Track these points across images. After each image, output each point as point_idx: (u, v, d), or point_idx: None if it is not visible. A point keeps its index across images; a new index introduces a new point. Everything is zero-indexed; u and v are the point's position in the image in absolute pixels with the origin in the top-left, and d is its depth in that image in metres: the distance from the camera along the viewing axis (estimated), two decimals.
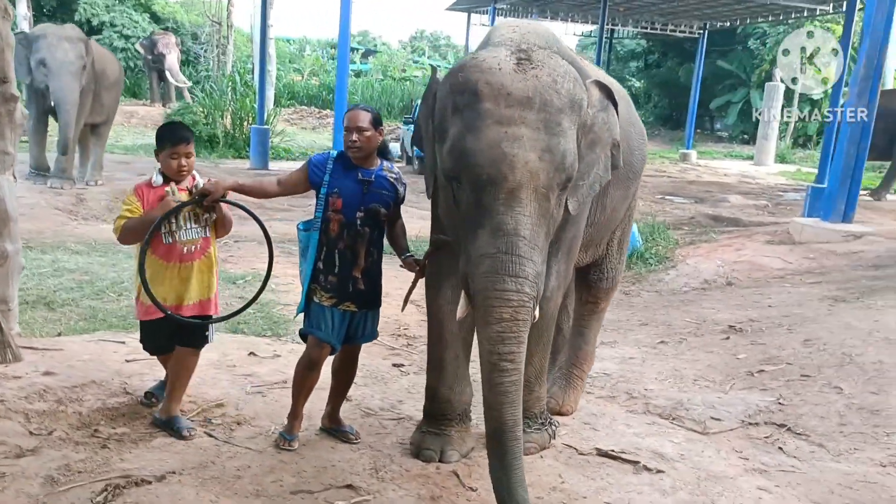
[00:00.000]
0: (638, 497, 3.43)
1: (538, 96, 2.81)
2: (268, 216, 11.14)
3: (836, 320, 5.62)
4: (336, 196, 3.44)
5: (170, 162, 3.46)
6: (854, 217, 8.71)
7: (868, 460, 4.00)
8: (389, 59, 40.74)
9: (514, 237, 2.74)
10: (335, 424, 3.80)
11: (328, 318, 3.50)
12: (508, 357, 2.75)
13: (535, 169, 2.76)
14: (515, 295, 2.75)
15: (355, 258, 3.47)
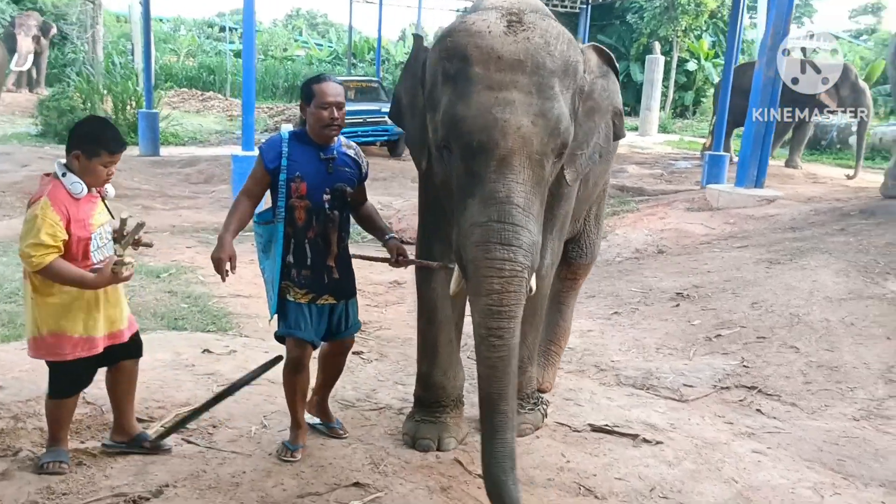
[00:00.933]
0: (646, 470, 3.42)
1: (530, 59, 2.68)
2: (173, 205, 10.63)
3: (777, 282, 5.83)
4: (299, 180, 3.11)
5: (100, 170, 2.88)
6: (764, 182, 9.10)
7: (841, 416, 4.16)
8: (270, 39, 39.47)
9: (506, 205, 2.61)
10: (323, 417, 3.59)
11: (306, 316, 3.21)
12: (498, 332, 2.62)
13: (528, 134, 2.63)
14: (508, 264, 2.60)
15: (327, 246, 3.19)
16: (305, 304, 3.21)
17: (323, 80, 3.14)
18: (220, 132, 22.50)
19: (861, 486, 3.38)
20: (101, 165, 2.88)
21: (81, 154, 2.86)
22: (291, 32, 43.58)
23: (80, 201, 2.86)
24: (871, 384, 4.47)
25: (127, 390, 3.25)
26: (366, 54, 37.30)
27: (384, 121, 14.74)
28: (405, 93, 3.29)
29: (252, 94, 9.96)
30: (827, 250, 6.43)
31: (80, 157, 2.86)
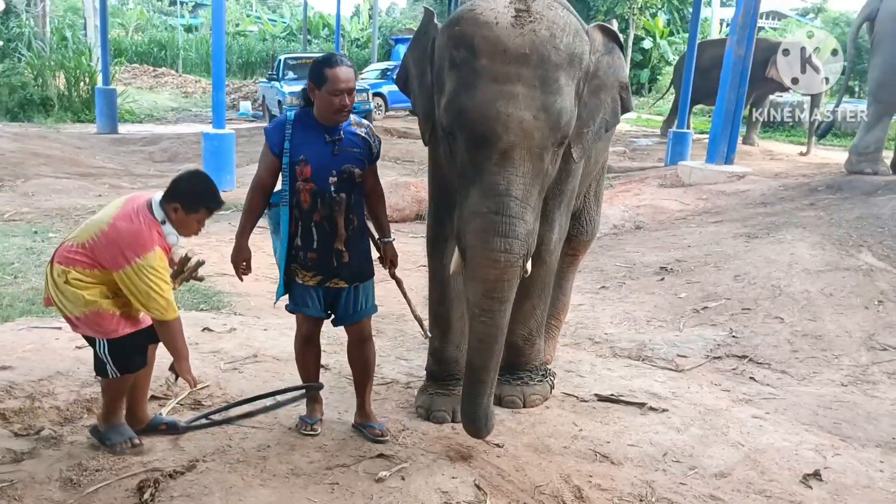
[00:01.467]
0: (656, 437, 3.54)
1: (535, 52, 2.72)
2: (141, 183, 10.45)
3: (756, 255, 6.02)
4: (303, 164, 3.02)
5: (195, 225, 2.96)
6: (734, 159, 9.33)
7: (829, 382, 4.36)
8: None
9: (505, 197, 2.73)
10: (363, 420, 3.40)
11: (314, 297, 3.19)
12: (489, 313, 2.83)
13: (530, 129, 2.71)
14: (503, 255, 2.76)
15: (334, 229, 3.08)
16: (314, 287, 3.16)
17: (335, 65, 2.98)
18: (177, 109, 22.12)
19: (858, 446, 3.56)
20: (196, 221, 2.95)
21: (181, 207, 2.89)
22: (244, 7, 42.79)
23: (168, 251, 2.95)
24: (854, 351, 4.68)
25: (144, 375, 3.21)
26: (320, 30, 36.85)
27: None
28: (414, 63, 3.31)
29: (222, 70, 9.84)
30: (801, 224, 6.65)
31: (179, 209, 2.89)
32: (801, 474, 3.25)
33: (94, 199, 8.86)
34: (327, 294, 3.20)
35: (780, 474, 3.27)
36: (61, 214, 7.96)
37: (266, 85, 16.75)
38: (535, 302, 3.75)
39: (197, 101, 24.53)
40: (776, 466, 3.32)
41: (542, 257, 3.53)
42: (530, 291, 3.70)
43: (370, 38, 34.45)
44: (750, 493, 3.12)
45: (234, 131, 10.29)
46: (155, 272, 2.80)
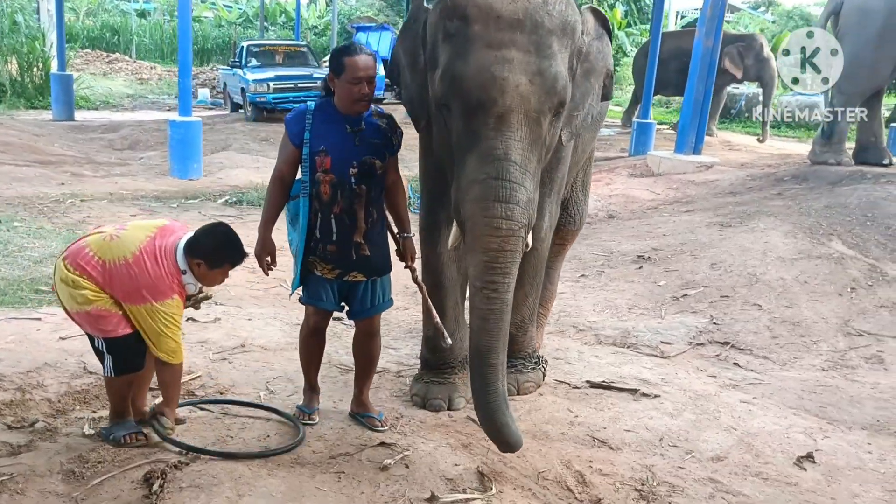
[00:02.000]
0: (651, 422, 3.60)
1: (529, 18, 2.74)
2: (104, 171, 10.21)
3: (731, 244, 6.13)
4: (324, 154, 2.98)
5: (219, 278, 2.97)
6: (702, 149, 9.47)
7: (810, 367, 4.47)
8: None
9: (504, 162, 2.69)
10: (361, 409, 3.39)
11: (329, 290, 3.15)
12: (493, 286, 2.73)
13: (526, 92, 2.70)
14: (505, 223, 2.70)
15: (354, 222, 3.04)
16: (332, 280, 3.11)
17: (355, 53, 2.95)
18: (133, 96, 21.61)
19: (846, 429, 3.66)
20: (220, 274, 2.94)
21: (205, 263, 2.86)
22: None
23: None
24: (831, 337, 4.81)
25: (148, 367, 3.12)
26: (277, 17, 36.37)
27: (316, 86, 14.49)
28: (405, 53, 3.29)
29: (189, 56, 9.64)
30: (772, 213, 6.78)
31: (203, 265, 2.86)
32: (794, 457, 3.34)
33: (57, 188, 8.63)
34: (343, 287, 3.16)
35: (773, 457, 3.35)
36: (24, 203, 7.74)
37: (228, 72, 16.46)
38: (527, 290, 3.76)
39: (153, 87, 24.03)
40: (769, 449, 3.40)
41: (532, 245, 3.53)
42: (522, 279, 3.69)
43: (328, 25, 34.15)
44: (747, 475, 3.19)
45: (200, 119, 10.12)
46: (169, 318, 2.81)
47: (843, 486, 3.13)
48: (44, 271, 5.35)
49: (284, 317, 4.90)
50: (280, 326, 4.65)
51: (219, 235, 2.95)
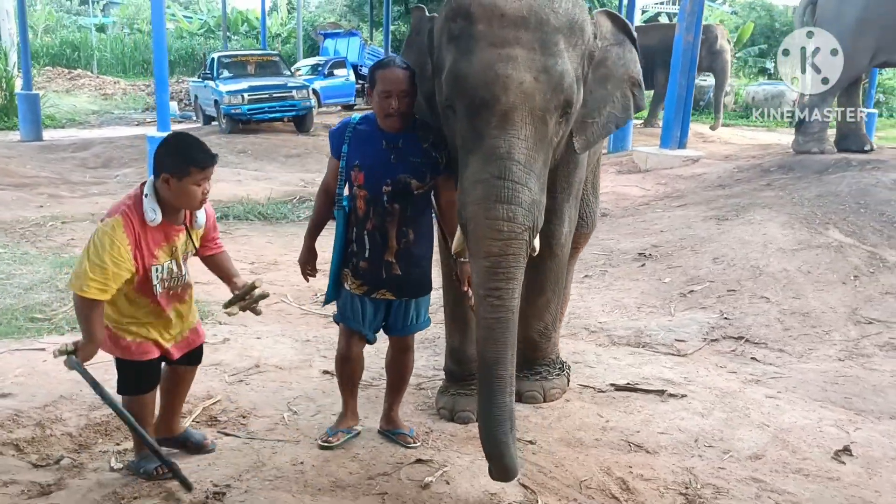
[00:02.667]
0: (683, 423, 3.57)
1: (533, 15, 2.68)
2: (81, 192, 10.00)
3: (730, 237, 6.15)
4: (357, 169, 2.94)
5: (193, 190, 2.66)
6: (686, 143, 9.53)
7: (826, 357, 4.48)
8: (136, 11, 37.40)
9: (507, 161, 2.60)
10: (391, 426, 3.30)
11: (358, 308, 3.07)
12: (495, 293, 2.59)
13: (531, 90, 2.63)
14: (507, 224, 2.59)
15: (385, 241, 2.97)
16: (360, 296, 3.05)
17: (386, 67, 2.92)
18: (98, 112, 21.33)
19: (874, 419, 3.67)
20: (193, 185, 2.66)
21: (171, 176, 2.63)
22: None
23: (152, 229, 2.67)
24: (842, 326, 4.83)
25: (176, 393, 3.07)
26: (239, 26, 36.07)
27: (290, 95, 14.40)
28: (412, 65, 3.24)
29: (165, 71, 9.48)
30: (766, 205, 6.82)
31: (171, 179, 2.63)
32: (831, 451, 3.33)
33: (36, 211, 8.44)
34: (376, 307, 3.08)
35: (810, 452, 3.33)
36: (4, 228, 7.53)
37: (198, 84, 16.24)
38: (549, 296, 3.72)
39: (118, 102, 23.69)
40: (805, 445, 3.39)
41: (553, 250, 3.50)
42: (544, 286, 3.67)
43: (291, 32, 33.92)
44: (788, 472, 3.17)
45: None
46: (98, 241, 2.57)
47: (885, 478, 3.13)
48: (36, 298, 5.22)
49: (293, 333, 4.82)
50: (291, 344, 4.57)
51: (173, 140, 2.78)
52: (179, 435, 3.12)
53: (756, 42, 26.07)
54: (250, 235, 7.69)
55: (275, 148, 13.09)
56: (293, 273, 6.58)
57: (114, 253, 2.56)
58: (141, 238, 2.64)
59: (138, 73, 31.53)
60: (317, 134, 15.11)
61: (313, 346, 4.57)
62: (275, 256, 6.95)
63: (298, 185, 10.55)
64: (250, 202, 9.02)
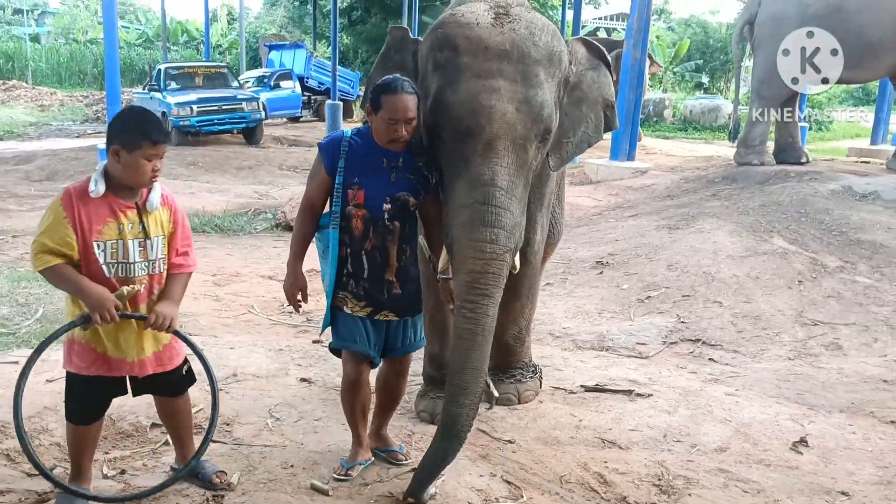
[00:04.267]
0: (651, 420, 3.76)
1: (515, 49, 2.87)
2: (29, 205, 9.81)
3: (682, 245, 6.43)
4: (357, 187, 2.85)
5: (143, 165, 2.57)
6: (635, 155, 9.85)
7: (778, 357, 4.75)
8: (72, 21, 36.65)
9: (490, 187, 2.79)
10: (381, 444, 3.24)
11: (361, 329, 2.95)
12: (471, 306, 2.75)
13: (513, 120, 2.82)
14: (489, 246, 2.77)
15: (386, 259, 2.90)
16: (364, 317, 2.95)
17: (395, 92, 2.79)
18: (36, 124, 20.85)
19: (826, 413, 3.92)
20: (143, 159, 2.56)
21: (121, 148, 2.56)
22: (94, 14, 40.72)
23: (94, 202, 2.58)
24: (790, 328, 5.12)
25: (171, 426, 3.01)
26: (179, 36, 35.65)
27: (240, 107, 14.36)
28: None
29: (117, 83, 9.43)
30: (713, 214, 7.14)
31: (121, 151, 2.56)
32: (789, 442, 3.55)
33: None
34: (378, 328, 2.99)
35: (770, 444, 3.56)
36: None
37: (143, 96, 16.03)
38: (523, 301, 3.89)
39: (55, 114, 23.20)
40: (765, 437, 3.61)
41: (527, 258, 3.66)
42: (519, 291, 3.84)
43: (232, 43, 33.67)
44: (751, 463, 3.39)
45: None
46: (42, 219, 2.58)
47: (839, 466, 3.36)
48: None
49: (265, 343, 4.87)
50: (265, 353, 4.62)
51: (128, 112, 2.77)
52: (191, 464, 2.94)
53: (692, 57, 26.97)
54: (209, 248, 7.68)
55: (226, 160, 13.04)
56: (257, 284, 6.65)
57: (51, 222, 2.54)
58: (81, 210, 2.56)
59: (75, 84, 30.93)
60: (266, 146, 15.10)
61: (287, 355, 4.63)
62: (236, 268, 6.97)
63: (252, 196, 10.56)
64: (206, 214, 9.00)
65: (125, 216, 2.64)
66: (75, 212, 2.55)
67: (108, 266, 2.62)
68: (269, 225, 8.82)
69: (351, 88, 22.57)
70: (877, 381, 4.32)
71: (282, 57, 23.36)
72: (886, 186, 7.44)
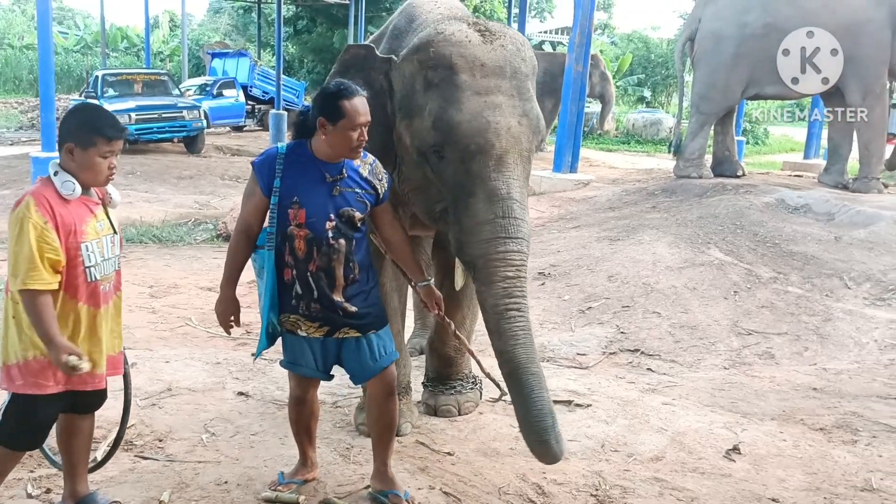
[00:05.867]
0: (590, 430, 3.80)
1: (508, 65, 2.94)
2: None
3: (623, 257, 6.52)
4: (297, 206, 2.70)
5: (99, 163, 2.50)
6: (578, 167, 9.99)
7: (713, 366, 4.84)
8: (8, 26, 35.64)
9: (508, 201, 2.84)
10: (385, 486, 3.00)
11: (308, 352, 2.85)
12: (515, 306, 2.82)
13: (518, 134, 2.89)
14: (518, 255, 2.85)
15: (332, 280, 2.75)
16: (321, 338, 2.83)
17: (352, 95, 2.68)
18: None
19: (758, 421, 4.00)
20: (99, 157, 2.49)
21: (75, 146, 2.47)
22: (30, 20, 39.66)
23: (72, 204, 2.51)
24: (726, 338, 5.23)
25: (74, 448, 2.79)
26: (119, 43, 34.95)
27: (181, 116, 14.13)
28: None
29: (51, 89, 9.16)
30: (653, 226, 7.26)
31: (75, 149, 2.48)
32: (722, 450, 3.62)
33: None
34: (334, 346, 2.86)
35: (704, 452, 3.62)
36: None
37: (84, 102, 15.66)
38: (465, 312, 3.91)
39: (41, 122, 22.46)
40: (700, 446, 3.67)
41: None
42: (461, 302, 3.87)
43: (174, 50, 33.15)
44: (686, 471, 3.44)
45: None
46: (20, 227, 2.40)
47: (770, 473, 3.43)
48: None
49: (202, 356, 4.78)
50: (201, 367, 4.54)
51: (81, 109, 2.68)
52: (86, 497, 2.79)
53: (634, 72, 27.53)
54: (146, 259, 7.52)
55: (165, 169, 12.79)
56: (195, 296, 6.52)
57: (36, 234, 2.40)
58: (62, 214, 2.47)
59: (9, 91, 30.09)
60: (208, 155, 14.87)
61: (224, 368, 4.55)
62: (174, 280, 6.83)
63: (193, 206, 10.37)
64: (144, 225, 8.81)
65: (96, 214, 2.60)
66: (56, 217, 2.45)
67: (90, 270, 2.54)
68: (210, 236, 8.67)
69: (296, 98, 22.38)
70: (807, 388, 4.43)
71: (225, 65, 23.08)
72: (817, 200, 7.67)
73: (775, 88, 9.16)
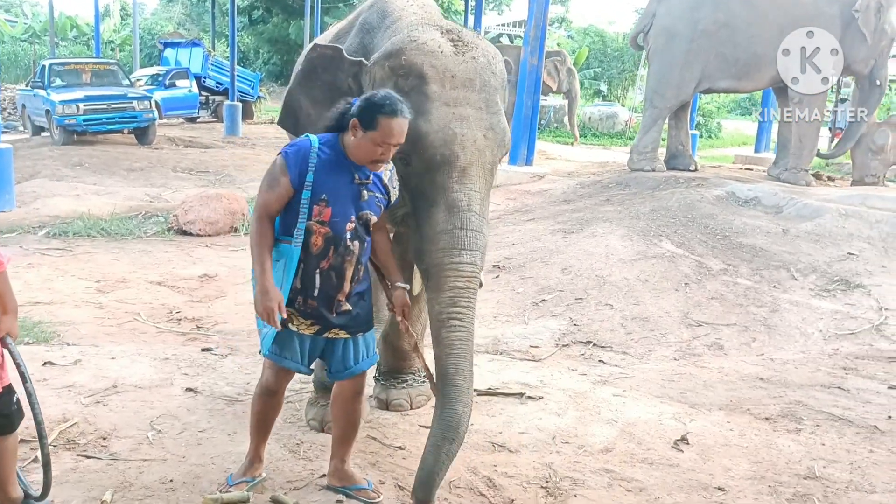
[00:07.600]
0: (541, 422, 3.82)
1: (478, 77, 2.95)
2: None
3: (576, 249, 6.56)
4: (324, 204, 2.71)
5: None
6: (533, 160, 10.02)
7: (664, 357, 4.91)
8: None
9: (467, 213, 2.85)
10: (346, 482, 3.02)
11: (296, 348, 2.85)
12: (458, 316, 2.84)
13: (483, 147, 2.90)
14: (469, 267, 2.87)
15: (341, 281, 2.78)
16: (311, 335, 2.83)
17: (395, 115, 2.62)
18: None
19: (706, 411, 4.06)
20: None
21: None
22: None
23: None
24: (676, 329, 5.30)
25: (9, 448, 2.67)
26: (68, 31, 34.15)
27: (131, 106, 13.84)
28: (314, 102, 3.25)
29: None
30: (606, 219, 7.33)
31: None
32: (671, 441, 3.67)
33: None
34: (318, 344, 2.88)
35: (653, 443, 3.66)
36: None
37: (27, 93, 15.24)
38: (421, 305, 3.90)
39: None
40: (649, 436, 3.72)
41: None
42: (418, 297, 3.85)
43: (125, 40, 32.49)
44: (635, 462, 3.48)
45: (11, 146, 9.36)
46: None
47: (717, 462, 3.49)
48: None
49: (150, 352, 4.68)
50: (149, 363, 4.44)
51: None
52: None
53: (591, 65, 27.75)
54: (94, 252, 7.34)
55: (115, 161, 12.52)
56: (144, 290, 6.40)
57: None
58: None
59: None
60: (160, 147, 14.59)
61: (173, 363, 4.46)
62: (123, 274, 6.68)
63: (143, 199, 10.17)
64: (91, 218, 8.60)
65: None
66: None
67: None
68: (161, 229, 8.50)
69: (251, 89, 22.09)
70: (754, 379, 4.51)
71: (177, 55, 22.66)
72: (766, 193, 7.81)
73: (727, 83, 9.35)
